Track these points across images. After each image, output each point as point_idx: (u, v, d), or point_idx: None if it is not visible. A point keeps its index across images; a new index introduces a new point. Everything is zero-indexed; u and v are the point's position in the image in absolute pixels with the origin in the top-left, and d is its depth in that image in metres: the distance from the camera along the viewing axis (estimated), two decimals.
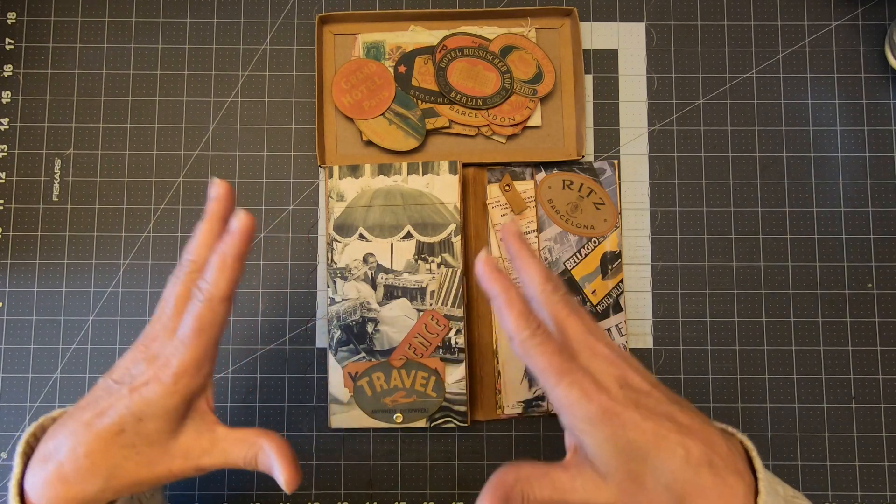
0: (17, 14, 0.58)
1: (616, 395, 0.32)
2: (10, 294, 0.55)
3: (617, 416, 0.31)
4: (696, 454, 0.31)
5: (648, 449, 0.31)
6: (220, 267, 0.35)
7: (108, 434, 0.32)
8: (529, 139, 0.57)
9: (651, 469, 0.31)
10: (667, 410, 0.32)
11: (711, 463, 0.31)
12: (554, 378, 0.32)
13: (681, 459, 0.31)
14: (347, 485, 0.54)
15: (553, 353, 0.33)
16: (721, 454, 0.32)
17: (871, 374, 0.55)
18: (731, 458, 0.32)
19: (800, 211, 0.56)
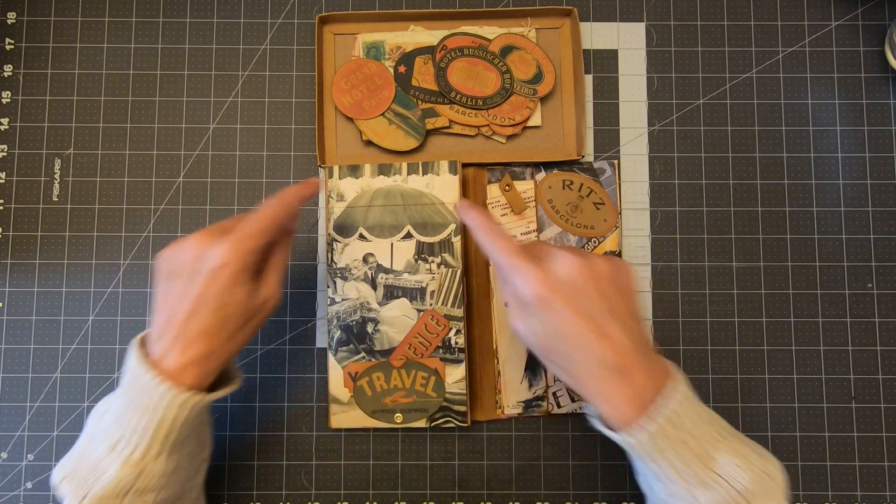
0: (17, 14, 0.58)
1: (558, 291, 0.38)
2: (10, 294, 0.55)
3: (546, 305, 0.38)
4: (599, 355, 0.38)
5: (562, 336, 0.39)
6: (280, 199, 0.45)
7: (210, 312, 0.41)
8: (529, 139, 0.57)
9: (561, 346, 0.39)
10: (598, 318, 0.38)
11: (612, 367, 0.38)
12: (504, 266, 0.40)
13: (588, 354, 0.38)
14: (347, 485, 0.54)
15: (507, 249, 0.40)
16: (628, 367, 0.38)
17: (871, 374, 0.55)
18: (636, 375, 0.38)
19: (800, 211, 0.56)
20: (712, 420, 0.41)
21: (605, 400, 0.39)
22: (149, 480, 0.41)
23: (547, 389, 0.54)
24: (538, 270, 0.39)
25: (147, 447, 0.40)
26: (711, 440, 0.40)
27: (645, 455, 0.39)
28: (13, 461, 0.54)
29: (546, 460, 0.54)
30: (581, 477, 0.54)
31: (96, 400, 0.54)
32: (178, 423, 0.41)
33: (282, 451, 0.54)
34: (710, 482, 0.39)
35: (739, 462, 0.39)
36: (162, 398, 0.40)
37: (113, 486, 0.40)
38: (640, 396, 0.39)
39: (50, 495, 0.54)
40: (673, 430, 0.39)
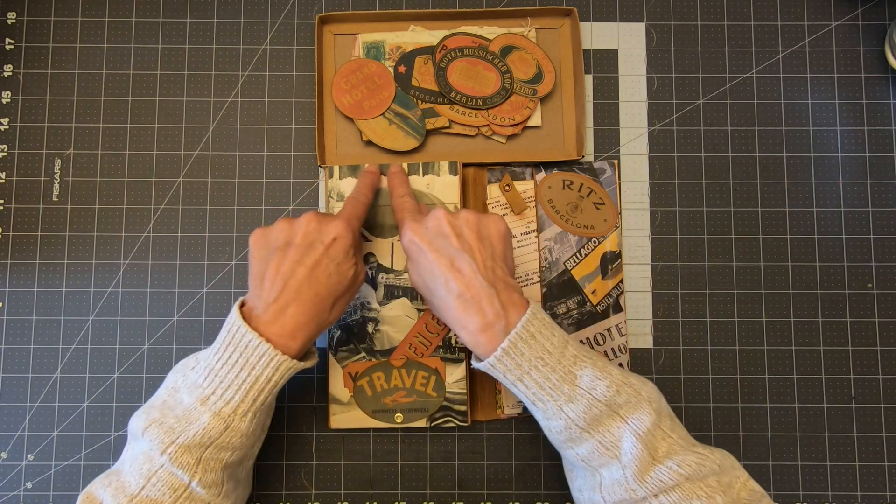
0: (17, 14, 0.58)
1: (419, 235, 0.46)
2: (10, 294, 0.55)
3: (414, 247, 0.46)
4: (453, 287, 0.44)
5: (427, 273, 0.45)
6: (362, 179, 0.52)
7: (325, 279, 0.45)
8: (529, 139, 0.57)
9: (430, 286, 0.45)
10: (449, 253, 0.44)
11: (461, 296, 0.43)
12: (400, 224, 0.49)
13: (442, 286, 0.44)
14: (347, 485, 0.54)
15: (404, 208, 0.50)
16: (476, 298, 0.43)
17: (871, 374, 0.55)
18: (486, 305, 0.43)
19: (800, 211, 0.56)
20: (570, 342, 0.44)
21: (462, 327, 0.44)
22: (230, 437, 0.43)
23: None
24: (413, 223, 0.47)
25: (238, 403, 0.43)
26: (571, 358, 0.43)
27: (510, 377, 0.43)
28: (13, 461, 0.54)
29: (546, 460, 0.54)
30: None
31: (96, 400, 0.54)
32: (272, 385, 0.44)
33: (282, 451, 0.54)
34: (574, 395, 0.42)
35: (599, 374, 0.42)
36: (265, 360, 0.43)
37: (200, 435, 0.42)
38: (491, 325, 0.43)
39: (50, 495, 0.54)
40: (527, 348, 0.42)
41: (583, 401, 0.42)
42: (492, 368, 0.43)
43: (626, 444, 0.41)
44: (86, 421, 0.54)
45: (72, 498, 0.53)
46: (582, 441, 0.42)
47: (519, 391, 0.43)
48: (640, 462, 0.40)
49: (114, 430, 0.54)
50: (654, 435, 0.41)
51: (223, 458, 0.43)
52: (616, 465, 0.41)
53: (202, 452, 0.42)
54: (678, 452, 0.41)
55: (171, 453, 0.41)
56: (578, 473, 0.45)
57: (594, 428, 0.42)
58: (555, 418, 0.43)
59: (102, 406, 0.54)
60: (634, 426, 0.41)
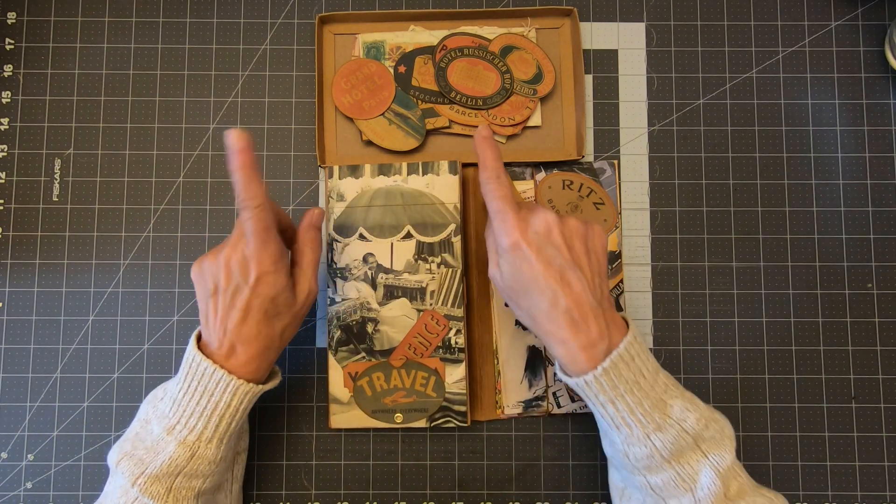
0: (17, 14, 0.58)
1: (526, 238, 0.42)
2: (10, 294, 0.55)
3: (518, 252, 0.43)
4: (561, 303, 0.42)
5: (529, 282, 0.43)
6: (237, 182, 0.43)
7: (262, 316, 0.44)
8: (529, 139, 0.57)
9: (527, 293, 0.43)
10: (561, 265, 0.42)
11: (568, 312, 0.42)
12: (493, 213, 0.45)
13: (548, 299, 0.42)
14: (347, 485, 0.54)
15: (499, 196, 0.44)
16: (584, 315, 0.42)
17: (871, 374, 0.55)
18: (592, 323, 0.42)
19: (800, 211, 0.56)
20: (661, 369, 0.44)
21: (561, 343, 0.42)
22: (198, 464, 0.43)
23: (547, 389, 0.54)
24: (518, 220, 0.43)
25: (202, 430, 0.44)
26: (663, 386, 0.43)
27: (603, 397, 0.42)
28: (13, 461, 0.54)
29: (546, 460, 0.54)
30: (581, 477, 0.54)
31: (96, 400, 0.54)
32: (234, 411, 0.44)
33: (282, 451, 0.54)
34: (664, 425, 0.41)
35: (689, 406, 0.42)
36: (222, 386, 0.44)
37: (167, 465, 0.42)
38: (594, 344, 0.42)
39: (50, 495, 0.54)
40: (628, 371, 0.42)
41: (672, 431, 0.41)
42: (585, 386, 0.42)
43: (704, 478, 0.41)
44: (86, 421, 0.54)
45: (72, 498, 0.53)
46: (660, 471, 0.42)
47: (606, 412, 0.42)
48: (716, 498, 0.40)
49: (114, 430, 0.54)
50: (730, 473, 0.42)
51: (195, 486, 0.43)
52: (688, 498, 0.41)
53: (171, 482, 0.43)
54: (749, 493, 0.42)
55: (140, 484, 0.42)
56: (635, 495, 0.45)
57: (675, 459, 0.41)
58: (638, 445, 0.42)
59: (102, 406, 0.54)
60: (715, 462, 0.41)
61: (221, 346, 0.44)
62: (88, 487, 0.53)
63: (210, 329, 0.45)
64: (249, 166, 0.43)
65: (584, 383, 0.42)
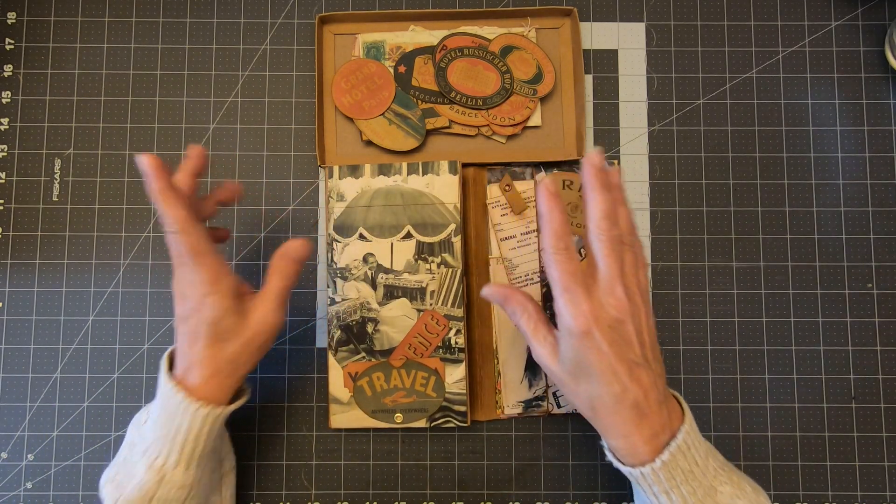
0: (17, 14, 0.58)
1: (600, 327, 0.40)
2: (10, 294, 0.55)
3: (589, 341, 0.40)
4: (629, 397, 0.40)
5: (596, 372, 0.40)
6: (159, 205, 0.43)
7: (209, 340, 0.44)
8: (529, 139, 0.57)
9: (589, 381, 0.41)
10: (633, 359, 0.40)
11: (636, 407, 0.40)
12: (559, 290, 0.41)
13: (615, 393, 0.40)
14: (347, 485, 0.54)
15: (568, 271, 0.40)
16: (650, 408, 0.40)
17: (871, 374, 0.55)
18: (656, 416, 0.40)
19: (800, 211, 0.56)
20: (711, 452, 0.43)
21: (623, 436, 0.41)
22: (169, 490, 0.43)
23: (547, 389, 0.54)
24: (591, 304, 0.40)
25: (167, 454, 0.43)
26: (713, 472, 0.42)
27: (657, 488, 0.41)
28: (13, 461, 0.54)
29: (546, 460, 0.54)
30: (581, 477, 0.54)
31: (96, 400, 0.54)
32: (196, 434, 0.43)
33: (282, 451, 0.54)
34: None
35: (738, 493, 0.41)
36: (183, 410, 0.43)
37: (139, 490, 0.42)
38: (657, 436, 0.40)
39: (50, 495, 0.54)
40: (684, 461, 0.40)
41: None
42: (641, 477, 0.41)
43: None
44: (86, 421, 0.54)
45: (72, 498, 0.53)
46: None
47: (658, 501, 0.41)
48: None
49: (114, 430, 0.54)
50: None
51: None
52: None
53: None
54: None
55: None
56: None
57: None
58: None
59: (102, 406, 0.54)
60: None
61: (182, 367, 0.45)
62: (88, 487, 0.53)
63: (177, 351, 0.46)
64: (165, 189, 0.42)
65: (639, 475, 0.41)
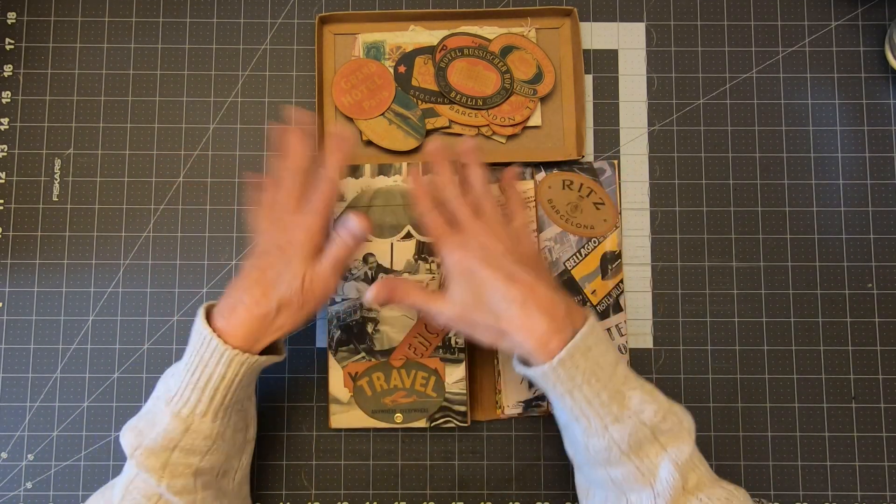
0: (17, 14, 0.58)
1: (472, 250, 0.45)
2: (10, 294, 0.55)
3: (466, 266, 0.44)
4: (512, 296, 0.43)
5: (484, 286, 0.44)
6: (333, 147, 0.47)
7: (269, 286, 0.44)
8: (529, 139, 0.57)
9: (483, 297, 0.44)
10: (506, 266, 0.44)
11: (524, 304, 0.42)
12: (434, 240, 0.47)
13: (505, 296, 0.43)
14: (347, 485, 0.54)
15: (438, 224, 0.47)
16: (541, 303, 0.43)
17: (871, 374, 0.55)
18: (553, 310, 0.43)
19: (800, 211, 0.56)
20: (621, 362, 0.44)
21: (530, 332, 0.42)
22: (194, 439, 0.43)
23: None
24: (458, 237, 0.46)
25: (195, 403, 0.43)
26: (622, 378, 0.43)
27: (559, 388, 0.42)
28: (13, 461, 0.54)
29: (546, 460, 0.54)
30: None
31: (96, 400, 0.54)
32: (228, 381, 0.43)
33: (282, 451, 0.54)
34: (621, 416, 0.41)
35: (647, 398, 0.42)
36: (218, 356, 0.43)
37: (163, 437, 0.42)
38: (561, 330, 0.42)
39: (50, 495, 0.54)
40: (584, 361, 0.42)
41: (629, 423, 0.41)
42: (542, 377, 0.42)
43: (663, 472, 0.41)
44: (86, 421, 0.54)
45: (72, 498, 0.53)
46: (619, 464, 0.42)
47: (564, 404, 0.42)
48: (674, 492, 0.40)
49: (114, 430, 0.54)
50: (688, 466, 0.41)
51: (192, 462, 0.43)
52: (648, 491, 0.41)
53: (168, 456, 0.42)
54: (707, 485, 0.42)
55: (137, 457, 0.42)
56: (598, 493, 0.45)
57: (634, 452, 0.41)
58: (597, 437, 0.42)
59: (102, 406, 0.54)
60: (674, 455, 0.41)
61: (227, 307, 0.44)
62: (88, 487, 0.53)
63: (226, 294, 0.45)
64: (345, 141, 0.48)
65: (539, 374, 0.42)
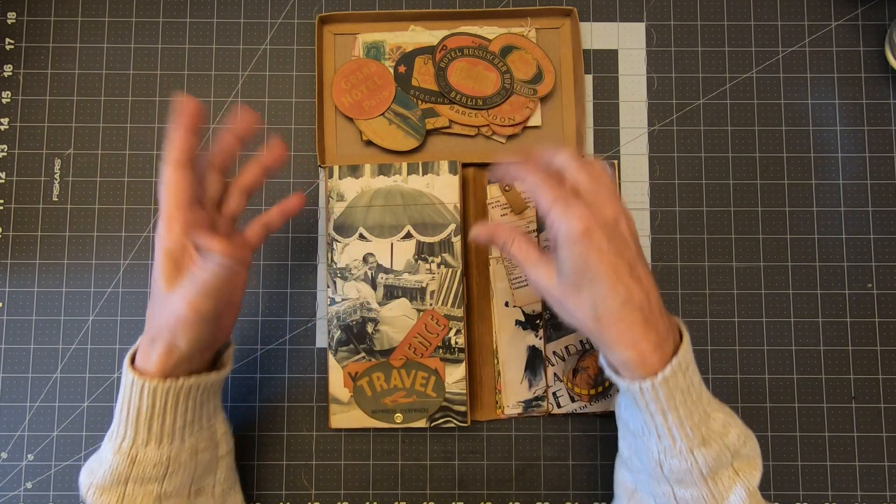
0: (17, 14, 0.58)
1: (599, 225, 0.39)
2: (10, 294, 0.55)
3: (591, 241, 0.38)
4: (635, 299, 0.39)
5: (599, 275, 0.38)
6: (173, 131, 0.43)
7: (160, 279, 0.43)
8: (529, 139, 0.57)
9: (592, 287, 0.39)
10: (631, 259, 0.39)
11: (642, 309, 0.39)
12: (550, 203, 0.39)
13: (620, 296, 0.38)
14: (347, 485, 0.54)
15: (554, 189, 0.40)
16: (654, 312, 0.39)
17: (871, 374, 0.55)
18: (660, 321, 0.39)
19: (800, 211, 0.56)
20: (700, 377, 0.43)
21: (632, 346, 0.39)
22: (144, 468, 0.42)
23: (547, 389, 0.54)
24: (584, 208, 0.39)
25: (134, 435, 0.42)
26: (707, 398, 0.42)
27: (654, 406, 0.39)
28: (13, 461, 0.54)
29: (546, 460, 0.54)
30: (581, 477, 0.54)
31: (96, 400, 0.54)
32: (156, 409, 0.42)
33: (282, 451, 0.54)
34: (709, 440, 0.40)
35: (729, 420, 0.41)
36: (133, 387, 0.42)
37: (110, 474, 0.41)
38: (663, 344, 0.39)
39: (50, 495, 0.54)
40: (682, 380, 0.39)
41: (715, 447, 0.39)
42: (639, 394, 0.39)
43: (734, 498, 0.40)
44: (86, 421, 0.54)
45: (72, 498, 0.53)
46: (692, 486, 0.40)
47: (653, 420, 0.40)
48: None
49: None
50: (756, 496, 0.40)
51: (152, 489, 0.42)
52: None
53: (122, 490, 0.42)
54: None
55: (90, 497, 0.42)
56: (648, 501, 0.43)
57: (711, 477, 0.40)
58: (679, 458, 0.39)
59: (102, 406, 0.54)
60: (747, 482, 0.40)
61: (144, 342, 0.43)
62: None
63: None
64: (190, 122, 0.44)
65: (638, 390, 0.39)
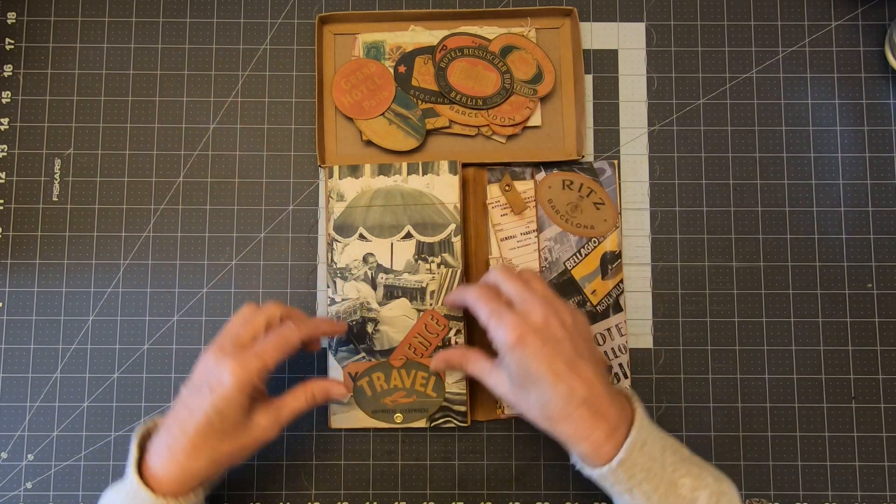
0: (17, 14, 0.58)
1: (530, 332, 0.42)
2: (10, 294, 0.55)
3: (525, 347, 0.42)
4: (577, 394, 0.41)
5: (539, 377, 0.41)
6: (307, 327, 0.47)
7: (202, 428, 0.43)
8: (529, 139, 0.57)
9: (537, 389, 0.42)
10: (568, 356, 0.42)
11: (586, 402, 0.41)
12: (487, 316, 0.44)
13: (562, 394, 0.41)
14: (347, 485, 0.54)
15: (491, 302, 0.44)
16: (600, 401, 0.41)
17: (871, 374, 0.55)
18: (609, 408, 0.42)
19: (800, 211, 0.56)
20: (668, 445, 0.44)
21: (584, 438, 0.42)
22: None
23: None
24: (514, 315, 0.43)
25: None
26: (672, 466, 0.42)
27: (618, 488, 0.42)
28: (13, 461, 0.54)
29: (546, 460, 0.54)
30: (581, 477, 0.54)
31: (96, 400, 0.54)
32: None
33: (282, 451, 0.54)
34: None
35: (697, 483, 0.42)
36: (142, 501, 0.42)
37: None
38: (616, 430, 0.42)
39: (50, 495, 0.54)
40: (640, 457, 0.41)
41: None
42: (601, 479, 0.42)
43: None
44: (86, 421, 0.54)
45: (72, 498, 0.53)
46: None
47: (623, 501, 0.42)
48: None
49: (114, 430, 0.54)
50: None
51: None
52: None
53: None
54: None
55: None
56: None
57: None
58: None
59: (102, 406, 0.54)
60: None
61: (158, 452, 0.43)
62: (88, 487, 0.53)
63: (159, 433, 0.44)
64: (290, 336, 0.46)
65: (598, 476, 0.42)
